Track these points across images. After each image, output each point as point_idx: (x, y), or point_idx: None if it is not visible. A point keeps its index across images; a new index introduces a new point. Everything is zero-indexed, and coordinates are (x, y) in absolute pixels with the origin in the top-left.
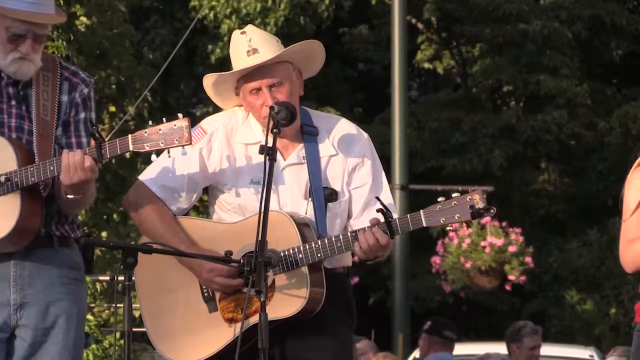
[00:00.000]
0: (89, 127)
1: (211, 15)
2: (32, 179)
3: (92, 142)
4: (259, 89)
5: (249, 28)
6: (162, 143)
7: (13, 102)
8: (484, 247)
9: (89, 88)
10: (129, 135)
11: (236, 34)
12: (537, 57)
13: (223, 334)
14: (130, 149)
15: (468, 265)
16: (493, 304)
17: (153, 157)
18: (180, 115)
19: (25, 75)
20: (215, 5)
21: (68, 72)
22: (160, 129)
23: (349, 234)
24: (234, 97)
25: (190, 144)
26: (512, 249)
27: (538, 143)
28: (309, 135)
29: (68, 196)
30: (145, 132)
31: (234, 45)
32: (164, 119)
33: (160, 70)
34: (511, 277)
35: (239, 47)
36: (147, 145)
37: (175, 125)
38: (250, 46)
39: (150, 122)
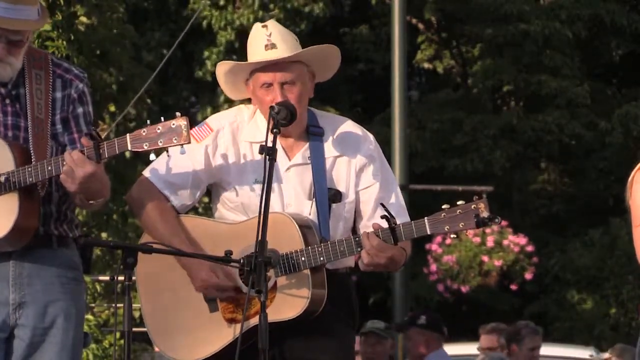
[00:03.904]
0: (89, 120)
1: (204, 23)
2: (30, 179)
3: (86, 142)
4: (270, 84)
5: (271, 23)
6: (160, 142)
7: (7, 101)
8: (507, 246)
9: (83, 83)
10: (127, 135)
11: (257, 26)
12: (537, 57)
13: (223, 334)
14: (129, 148)
15: (498, 263)
16: (493, 304)
17: (152, 156)
18: (178, 114)
19: (2, 77)
20: (207, 15)
21: (60, 69)
22: (158, 128)
23: (352, 238)
24: (243, 88)
25: (189, 142)
26: (529, 248)
27: (539, 143)
28: (315, 136)
29: (90, 202)
30: (144, 132)
31: (253, 37)
32: (162, 118)
33: (155, 72)
34: (528, 276)
35: (257, 39)
36: (146, 145)
37: (173, 124)
38: (269, 40)
39: (148, 122)
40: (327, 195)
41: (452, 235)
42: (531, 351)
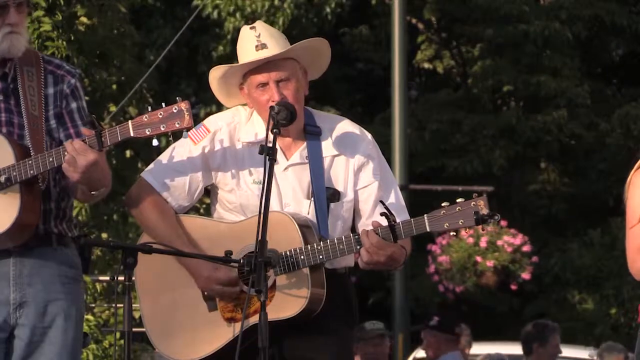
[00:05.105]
0: (84, 115)
1: (214, 13)
2: (32, 172)
3: (88, 131)
4: (265, 84)
5: (258, 24)
6: (163, 127)
7: (0, 97)
8: (501, 246)
9: (75, 78)
10: (129, 121)
11: (245, 29)
12: (537, 58)
13: (222, 333)
14: (131, 134)
15: (490, 263)
16: (493, 304)
17: (155, 141)
18: (179, 99)
19: (18, 50)
20: (219, 4)
21: (52, 65)
22: (160, 114)
23: (352, 236)
24: (237, 93)
25: (192, 126)
26: (526, 248)
27: (538, 143)
28: (312, 135)
29: (92, 193)
30: (145, 117)
31: (242, 40)
32: (163, 104)
33: (152, 66)
34: (525, 276)
35: (247, 41)
36: (148, 130)
37: (175, 108)
38: (259, 41)
39: (149, 108)
40: (325, 195)
41: (451, 233)
42: (555, 348)
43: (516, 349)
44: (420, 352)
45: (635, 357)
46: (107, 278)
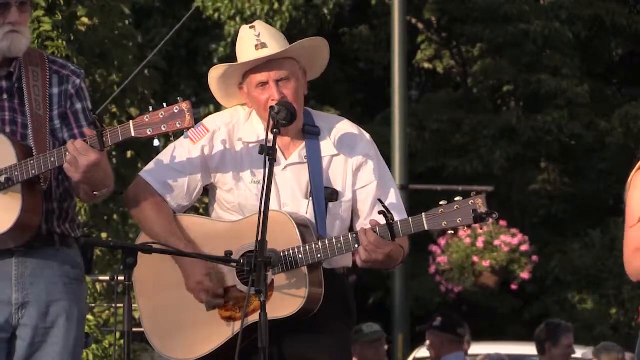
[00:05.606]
0: (89, 115)
1: (215, 16)
2: (33, 172)
3: (89, 131)
4: (265, 83)
5: (258, 23)
6: (164, 127)
7: (5, 96)
8: (498, 246)
9: (80, 79)
10: (130, 121)
11: (244, 28)
12: (537, 57)
13: (220, 332)
14: (132, 134)
15: (486, 264)
16: (493, 304)
17: (156, 142)
18: (180, 99)
19: (19, 50)
20: (220, 7)
21: (56, 65)
22: (161, 114)
23: (349, 235)
24: (237, 93)
25: (193, 126)
26: (524, 247)
27: (538, 143)
28: (311, 135)
29: (94, 193)
30: (147, 118)
31: (242, 39)
32: (164, 104)
33: (146, 60)
34: (524, 276)
35: (247, 41)
36: (149, 130)
37: (176, 109)
38: (259, 40)
39: (150, 109)
40: (323, 194)
41: (450, 232)
42: (567, 348)
43: (516, 349)
44: (420, 352)
45: (635, 357)
46: (107, 278)
